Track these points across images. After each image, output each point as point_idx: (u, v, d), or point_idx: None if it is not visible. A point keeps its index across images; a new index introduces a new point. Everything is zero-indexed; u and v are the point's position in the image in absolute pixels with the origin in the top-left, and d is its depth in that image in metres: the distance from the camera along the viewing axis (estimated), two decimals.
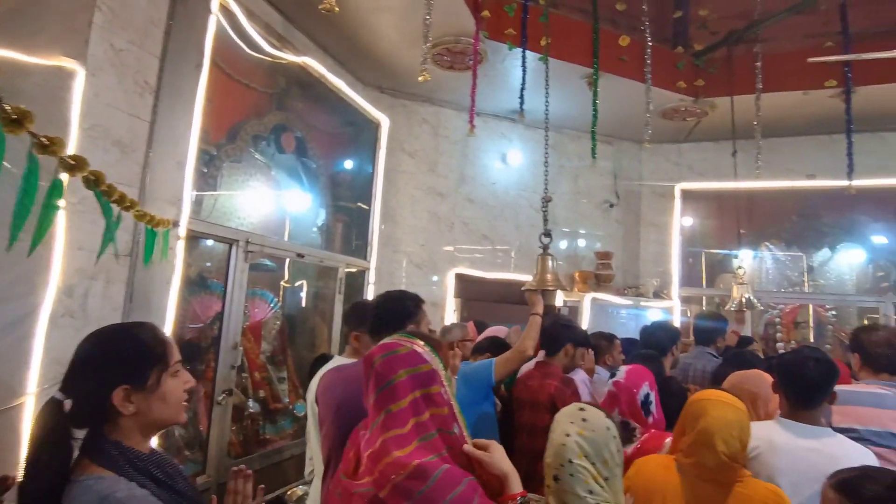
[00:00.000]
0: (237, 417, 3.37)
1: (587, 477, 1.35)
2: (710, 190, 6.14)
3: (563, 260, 6.11)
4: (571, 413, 1.47)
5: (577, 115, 5.48)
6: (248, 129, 3.63)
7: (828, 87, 4.75)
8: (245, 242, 3.18)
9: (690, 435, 1.66)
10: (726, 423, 1.60)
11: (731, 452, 1.59)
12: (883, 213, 5.80)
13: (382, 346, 1.26)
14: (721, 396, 1.68)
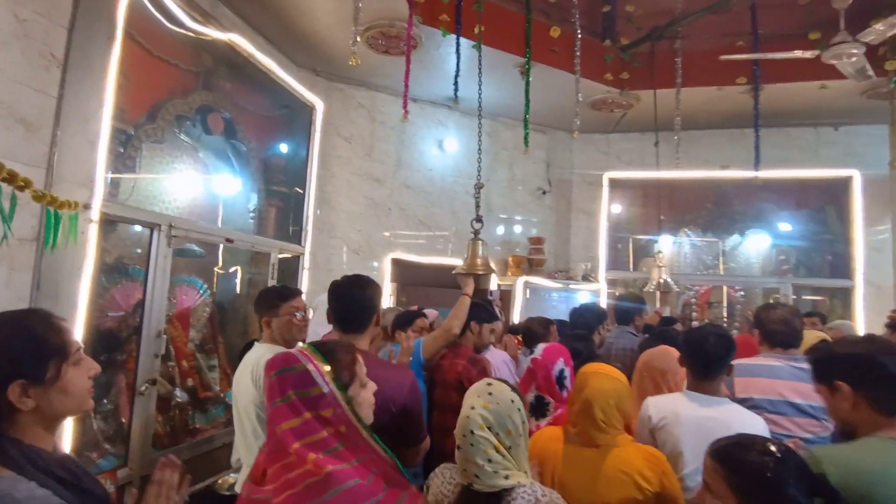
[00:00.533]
0: (163, 408, 3.22)
1: (487, 447, 1.40)
2: (635, 179, 6.39)
3: (498, 245, 6.20)
4: (479, 388, 1.52)
5: (511, 104, 5.53)
6: (171, 108, 3.42)
7: (739, 83, 5.03)
8: (168, 227, 3.01)
9: (576, 405, 1.78)
10: (603, 392, 1.73)
11: (608, 419, 1.72)
12: (786, 201, 6.25)
13: (281, 360, 1.24)
14: (601, 369, 1.79)
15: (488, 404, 1.45)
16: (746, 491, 1.13)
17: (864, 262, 5.74)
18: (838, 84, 4.69)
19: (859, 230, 5.77)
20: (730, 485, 1.15)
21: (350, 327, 1.96)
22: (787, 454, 1.13)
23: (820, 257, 6.09)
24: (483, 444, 1.40)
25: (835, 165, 5.89)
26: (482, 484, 1.39)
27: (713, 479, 1.19)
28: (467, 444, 1.41)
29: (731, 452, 1.19)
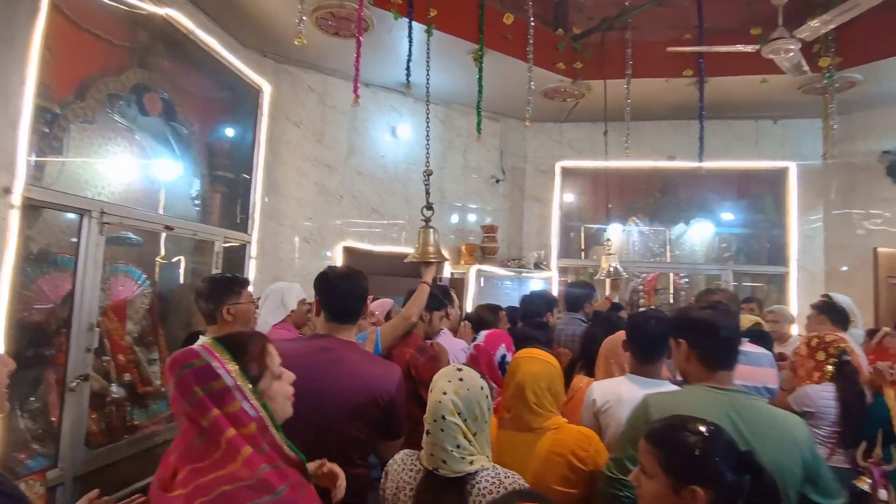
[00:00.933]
0: (98, 404, 3.05)
1: (457, 432, 1.40)
2: (586, 168, 6.49)
3: (452, 233, 6.19)
4: (450, 373, 1.50)
5: (465, 91, 5.49)
6: (102, 86, 3.21)
7: (685, 76, 5.17)
8: (99, 213, 2.83)
9: (510, 389, 1.81)
10: (534, 376, 1.76)
11: (541, 402, 1.76)
12: (728, 191, 6.50)
13: (181, 357, 1.16)
14: (533, 353, 1.82)
15: (459, 390, 1.44)
16: (676, 469, 1.16)
17: (798, 250, 6.04)
18: (777, 79, 4.88)
19: (794, 219, 6.07)
20: (661, 464, 1.18)
21: (343, 319, 1.94)
22: (716, 433, 1.16)
23: (758, 245, 6.38)
24: (453, 430, 1.40)
25: (773, 157, 6.16)
26: (448, 469, 1.39)
27: (646, 460, 1.21)
28: (437, 429, 1.41)
29: (661, 433, 1.21)
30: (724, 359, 1.59)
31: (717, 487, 1.12)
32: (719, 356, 1.59)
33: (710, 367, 1.58)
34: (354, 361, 1.87)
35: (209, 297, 2.38)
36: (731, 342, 1.59)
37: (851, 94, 5.24)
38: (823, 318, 3.38)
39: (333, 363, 1.84)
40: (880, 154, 5.54)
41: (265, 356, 1.22)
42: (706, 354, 1.59)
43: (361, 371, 1.85)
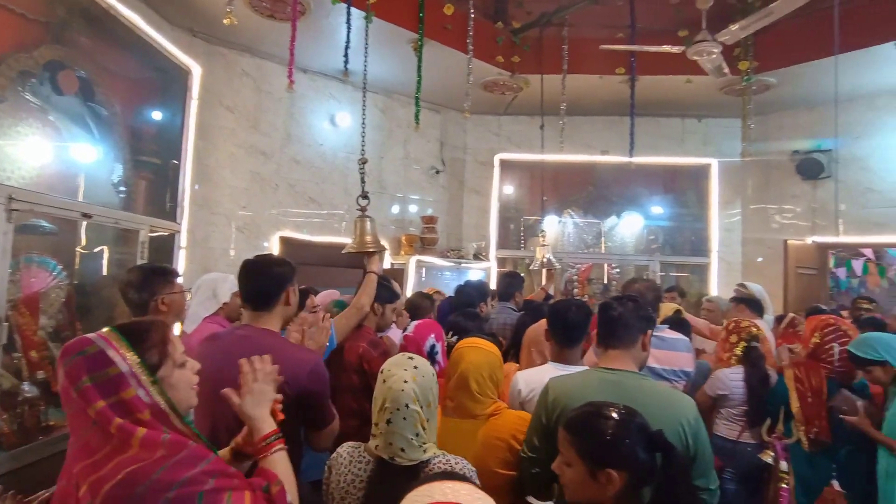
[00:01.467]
0: (9, 404, 2.84)
1: (417, 421, 1.41)
2: (524, 161, 6.62)
3: (392, 224, 6.17)
4: (403, 362, 1.51)
5: (405, 81, 5.47)
6: (12, 63, 2.96)
7: (618, 73, 5.36)
8: (7, 199, 2.63)
9: (453, 379, 1.86)
10: (477, 365, 1.82)
11: (483, 390, 1.83)
12: (655, 185, 6.82)
13: (76, 344, 1.10)
14: (474, 343, 1.88)
15: (416, 377, 1.45)
16: (591, 455, 1.22)
17: (719, 242, 6.44)
18: (701, 79, 5.15)
19: (715, 213, 6.46)
20: (577, 452, 1.23)
21: (257, 304, 1.90)
22: (627, 417, 1.23)
23: (683, 237, 6.75)
24: (414, 418, 1.40)
25: (696, 154, 6.52)
26: (405, 458, 1.39)
27: (564, 448, 1.27)
28: (400, 418, 1.40)
29: (576, 422, 1.27)
30: (609, 338, 1.74)
31: (630, 468, 1.19)
32: (606, 336, 1.75)
33: (605, 346, 1.74)
34: (266, 348, 1.84)
35: (142, 287, 2.27)
36: (615, 321, 1.74)
37: (767, 97, 5.62)
38: (742, 307, 3.64)
39: (248, 351, 1.81)
40: (791, 153, 5.98)
41: (166, 344, 1.17)
42: (599, 335, 1.78)
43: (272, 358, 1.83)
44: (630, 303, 1.78)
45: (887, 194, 5.49)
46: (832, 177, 5.77)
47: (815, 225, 5.85)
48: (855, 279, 8.06)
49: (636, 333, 1.74)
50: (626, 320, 1.73)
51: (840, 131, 5.24)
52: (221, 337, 1.91)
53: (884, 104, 5.40)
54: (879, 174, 5.55)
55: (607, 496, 1.19)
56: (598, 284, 6.46)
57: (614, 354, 1.69)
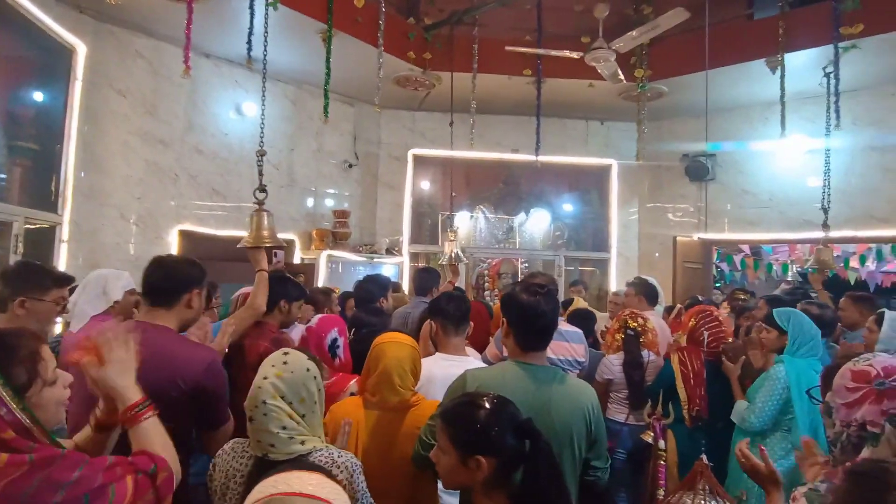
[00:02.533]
0: None
1: (281, 415, 1.41)
2: (437, 157, 6.68)
3: (303, 218, 6.02)
4: (276, 358, 1.50)
5: (317, 72, 5.31)
6: None
7: (525, 75, 5.54)
8: None
9: (374, 376, 1.87)
10: (399, 360, 1.86)
11: (404, 383, 1.88)
12: (562, 184, 7.14)
13: None
14: (395, 338, 1.91)
15: (282, 373, 1.45)
16: (462, 442, 1.27)
17: (618, 238, 6.85)
18: (601, 84, 5.43)
19: (614, 211, 6.86)
20: (451, 439, 1.29)
21: (157, 299, 1.83)
22: (498, 405, 1.29)
23: (585, 233, 7.12)
24: (276, 413, 1.40)
25: (599, 155, 6.88)
26: (278, 452, 1.39)
27: (440, 437, 1.32)
28: (259, 414, 1.40)
29: (450, 411, 1.33)
30: (536, 342, 1.75)
31: (499, 455, 1.25)
32: (533, 340, 1.74)
33: (522, 347, 1.74)
34: (158, 345, 1.76)
35: (7, 281, 2.08)
36: (547, 328, 1.74)
37: (660, 104, 6.04)
38: (641, 297, 3.88)
39: (139, 346, 1.73)
40: (681, 156, 6.46)
41: (36, 361, 1.11)
42: (522, 336, 1.74)
43: (163, 354, 1.75)
44: (552, 298, 1.77)
45: (760, 196, 6.09)
46: (715, 179, 6.30)
47: (701, 223, 6.37)
48: (737, 272, 8.91)
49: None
50: (553, 321, 1.76)
51: (721, 137, 5.74)
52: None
53: (757, 115, 5.97)
54: (753, 177, 6.14)
55: (477, 481, 1.24)
56: (507, 278, 6.66)
57: (534, 356, 1.74)
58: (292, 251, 5.81)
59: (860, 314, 3.40)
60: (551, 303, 1.74)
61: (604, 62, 4.13)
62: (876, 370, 1.19)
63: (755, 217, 6.13)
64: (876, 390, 1.18)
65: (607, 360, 3.28)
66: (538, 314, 1.70)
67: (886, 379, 1.16)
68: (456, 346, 2.24)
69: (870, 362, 1.22)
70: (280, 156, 5.81)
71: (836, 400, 1.24)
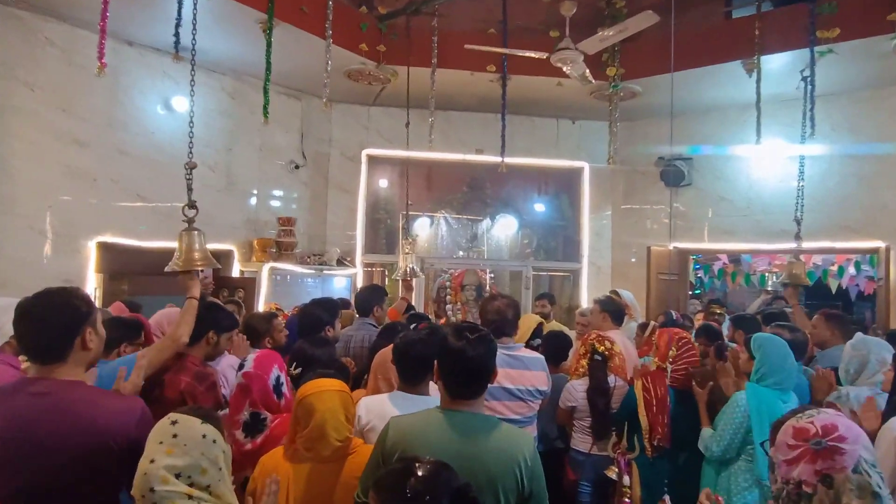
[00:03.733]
0: None
1: (175, 497, 1.37)
2: (395, 157, 6.67)
3: (243, 226, 5.93)
4: (162, 431, 1.46)
5: (259, 62, 5.21)
6: None
7: (489, 71, 5.59)
8: None
9: (306, 430, 1.86)
10: (332, 412, 1.85)
11: (340, 433, 1.87)
12: (531, 187, 7.24)
13: None
14: (322, 386, 1.90)
15: (172, 450, 1.41)
16: None
17: (589, 246, 6.99)
18: (571, 83, 5.51)
19: (586, 217, 7.00)
20: None
21: (44, 357, 1.74)
22: (433, 473, 1.32)
23: (555, 241, 7.24)
24: (172, 497, 1.36)
25: (570, 157, 7.01)
26: None
27: None
28: (150, 502, 1.35)
29: (382, 480, 1.34)
30: (464, 391, 1.77)
31: None
32: (460, 388, 1.77)
33: (451, 395, 1.77)
34: (77, 404, 1.71)
35: None
36: (475, 375, 1.77)
37: (633, 104, 6.19)
38: (605, 314, 3.97)
39: (51, 411, 1.67)
40: (656, 160, 6.64)
41: None
42: (449, 384, 1.78)
43: (86, 414, 1.70)
44: (483, 344, 1.80)
45: (737, 203, 6.31)
46: (692, 184, 6.50)
47: (677, 230, 6.56)
48: (718, 280, 9.23)
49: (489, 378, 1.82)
50: (484, 369, 1.78)
51: (698, 141, 5.92)
52: (11, 396, 1.70)
53: (734, 118, 6.17)
54: (731, 183, 6.36)
55: None
56: (471, 290, 6.71)
57: (464, 404, 1.76)
58: (230, 263, 5.72)
59: (831, 333, 3.59)
60: (481, 347, 1.76)
61: (571, 64, 4.21)
62: (815, 428, 1.27)
63: (732, 226, 6.35)
64: (812, 450, 1.25)
65: (571, 387, 3.35)
66: (465, 359, 1.73)
67: (824, 438, 1.24)
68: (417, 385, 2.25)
69: (812, 419, 1.30)
70: (217, 155, 5.71)
71: (778, 456, 1.32)
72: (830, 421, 1.26)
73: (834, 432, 1.24)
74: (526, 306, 6.28)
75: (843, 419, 1.29)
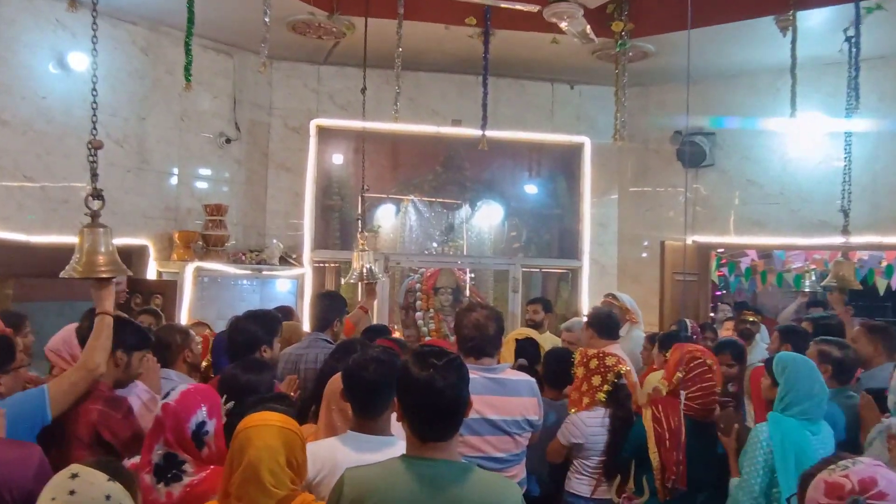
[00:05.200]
0: None
1: None
2: (351, 129, 6.59)
3: (160, 216, 5.86)
4: (59, 485, 1.47)
5: (180, 9, 5.12)
6: None
7: (468, 24, 5.58)
8: None
9: (238, 472, 1.83)
10: (270, 450, 1.81)
11: (279, 481, 1.82)
12: (520, 168, 7.26)
13: None
14: (267, 419, 1.89)
15: None
16: None
17: (591, 241, 7.05)
18: (569, 40, 5.53)
19: (587, 204, 7.05)
20: None
21: None
22: None
23: (550, 234, 7.29)
24: None
25: (568, 130, 7.04)
26: None
27: None
28: None
29: None
30: (433, 432, 1.77)
31: None
32: (428, 430, 1.76)
33: (418, 437, 1.77)
34: None
35: None
36: (447, 412, 1.76)
37: (645, 67, 6.24)
38: (591, 331, 4.01)
39: None
40: (672, 134, 6.72)
41: None
42: (415, 425, 1.77)
43: None
44: (454, 371, 1.80)
45: (768, 188, 6.43)
46: (714, 165, 6.59)
47: (696, 221, 6.65)
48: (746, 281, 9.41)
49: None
50: (456, 404, 1.78)
51: (721, 112, 5.98)
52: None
53: (765, 85, 6.27)
54: (762, 164, 6.47)
55: None
56: (447, 295, 6.72)
57: (437, 447, 1.76)
58: (144, 263, 5.65)
59: (874, 348, 3.68)
60: (452, 376, 1.76)
61: (569, 19, 4.23)
62: (851, 483, 1.30)
63: (762, 215, 6.46)
64: None
65: (578, 419, 3.36)
66: (433, 393, 1.72)
67: (861, 495, 1.28)
68: (374, 426, 2.23)
69: (847, 472, 1.33)
70: (126, 127, 5.61)
71: None
72: (868, 474, 1.30)
73: (873, 487, 1.27)
74: (514, 313, 6.33)
75: (884, 471, 1.33)
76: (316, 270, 6.53)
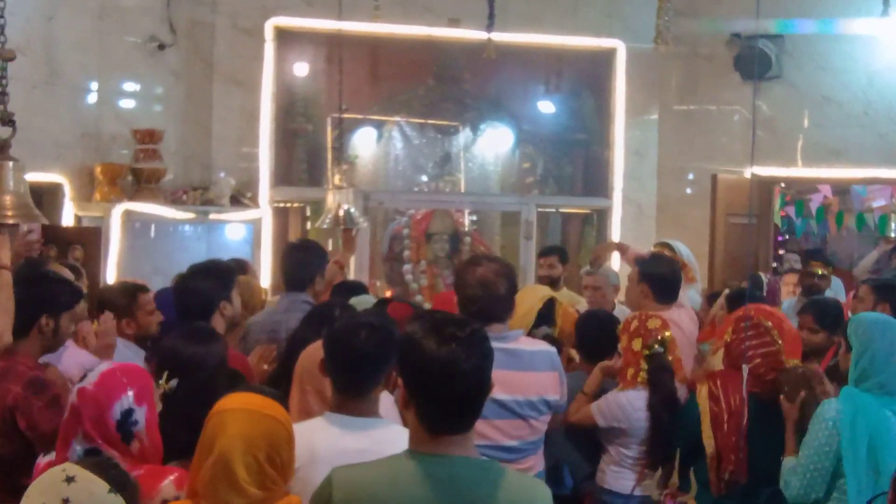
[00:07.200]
0: None
1: None
2: (319, 31, 6.54)
3: (77, 144, 5.85)
4: (52, 489, 1.52)
5: None
6: None
7: None
8: None
9: (207, 464, 1.84)
10: (248, 441, 1.81)
11: (259, 480, 1.82)
12: (534, 81, 7.20)
13: None
14: (248, 402, 1.90)
15: None
16: None
17: (624, 174, 7.03)
18: None
19: (620, 128, 7.01)
20: None
21: None
22: None
23: (573, 165, 7.27)
24: None
25: (596, 32, 6.97)
26: None
27: None
28: None
29: None
30: (452, 423, 1.74)
31: None
32: (446, 420, 1.73)
33: (428, 430, 1.74)
34: None
35: None
36: (471, 399, 1.72)
37: None
38: (645, 288, 4.00)
39: None
40: (729, 38, 6.66)
41: None
42: (428, 415, 1.73)
43: None
44: (480, 347, 1.74)
45: (849, 107, 6.43)
46: (781, 77, 6.56)
47: (758, 149, 6.61)
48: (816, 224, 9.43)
49: None
50: (482, 388, 1.73)
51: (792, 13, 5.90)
52: None
53: None
54: (841, 77, 6.46)
55: None
56: (442, 243, 6.75)
57: (451, 440, 1.73)
58: (59, 205, 5.66)
59: None
60: (477, 354, 1.71)
61: None
62: None
63: (840, 142, 6.47)
64: None
65: (624, 399, 3.36)
66: (458, 376, 1.69)
67: None
68: (360, 406, 2.26)
69: None
70: (30, 29, 5.55)
71: None
72: None
73: None
74: (527, 267, 6.35)
75: None
76: (276, 213, 6.55)
